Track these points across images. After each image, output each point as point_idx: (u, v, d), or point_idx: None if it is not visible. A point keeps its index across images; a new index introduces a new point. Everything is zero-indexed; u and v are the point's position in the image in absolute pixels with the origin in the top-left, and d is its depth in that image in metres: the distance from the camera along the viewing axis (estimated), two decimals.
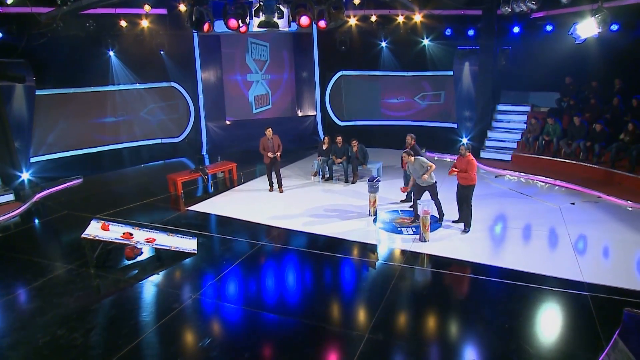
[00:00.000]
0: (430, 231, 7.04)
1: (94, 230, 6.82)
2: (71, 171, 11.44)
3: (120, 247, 6.96)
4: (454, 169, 7.19)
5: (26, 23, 10.38)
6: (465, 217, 7.34)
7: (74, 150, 12.93)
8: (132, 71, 13.69)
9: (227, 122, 15.37)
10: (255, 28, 8.74)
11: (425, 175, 7.33)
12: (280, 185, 10.05)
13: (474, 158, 7.06)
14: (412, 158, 7.32)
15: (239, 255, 6.77)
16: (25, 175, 10.70)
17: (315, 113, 15.71)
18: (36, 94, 11.28)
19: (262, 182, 10.62)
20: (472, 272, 5.91)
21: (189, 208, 9.00)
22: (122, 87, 13.81)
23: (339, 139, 10.81)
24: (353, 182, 10.42)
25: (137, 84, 14.00)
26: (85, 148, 13.20)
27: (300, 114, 16.01)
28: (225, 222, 8.08)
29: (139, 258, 6.76)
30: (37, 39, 10.65)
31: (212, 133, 15.23)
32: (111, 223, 7.11)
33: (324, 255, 6.59)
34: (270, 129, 9.91)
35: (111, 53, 13.23)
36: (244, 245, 7.04)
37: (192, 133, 15.08)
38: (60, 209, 9.10)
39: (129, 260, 6.75)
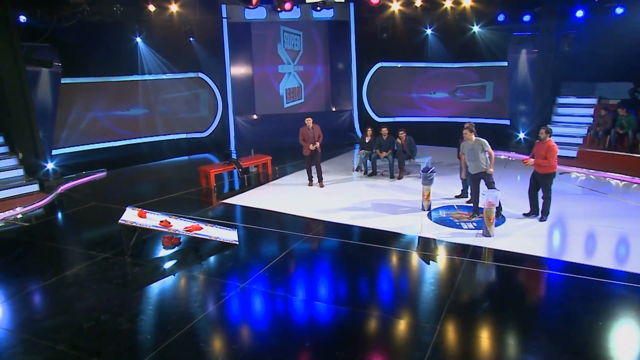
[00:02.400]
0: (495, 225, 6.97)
1: (131, 216, 6.99)
2: (92, 164, 11.94)
3: (156, 237, 7.21)
4: (529, 158, 7.14)
5: (53, 4, 10.74)
6: (545, 205, 7.28)
7: (96, 144, 13.36)
8: (160, 60, 14.06)
9: (255, 117, 15.63)
10: None
11: (490, 169, 7.27)
12: (320, 179, 10.13)
13: (554, 143, 6.95)
14: (474, 137, 7.23)
15: (285, 246, 6.86)
16: (49, 166, 11.08)
17: (351, 108, 15.81)
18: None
19: (299, 177, 10.83)
20: (544, 268, 5.87)
21: (224, 201, 9.26)
22: (147, 77, 14.17)
23: (384, 130, 10.81)
24: (399, 178, 10.45)
25: (164, 74, 14.34)
26: (107, 141, 13.60)
27: (334, 108, 16.11)
28: (265, 215, 8.29)
29: (177, 248, 6.95)
30: (64, 21, 11.02)
31: (240, 128, 15.46)
32: (148, 211, 7.30)
33: (378, 248, 6.59)
34: (310, 119, 10.01)
35: (138, 39, 13.58)
36: (290, 237, 7.20)
37: (219, 128, 15.34)
38: (87, 200, 9.47)
39: (166, 249, 6.90)
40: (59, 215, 8.88)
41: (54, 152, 12.14)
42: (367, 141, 10.90)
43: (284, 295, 5.48)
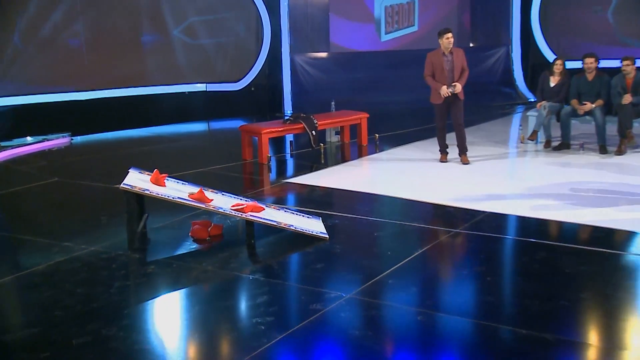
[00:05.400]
0: None
1: (140, 181, 7.10)
2: (43, 125, 12.86)
3: (178, 225, 7.60)
4: None
5: None
6: None
7: (50, 93, 13.69)
8: None
9: (325, 55, 15.75)
10: None
11: None
12: (463, 150, 10.24)
13: None
14: None
15: (415, 244, 7.14)
16: None
17: (508, 44, 15.81)
18: None
19: (418, 149, 11.22)
20: None
21: (289, 180, 9.84)
22: None
23: (590, 61, 10.58)
24: (619, 153, 10.43)
25: None
26: (68, 91, 13.91)
27: (474, 44, 16.14)
28: (368, 201, 8.78)
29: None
30: None
31: (302, 75, 15.69)
32: (169, 177, 7.46)
33: (591, 251, 6.77)
34: (449, 34, 9.87)
35: None
36: (419, 232, 7.63)
37: (262, 75, 15.60)
38: (44, 176, 10.25)
39: (198, 242, 7.15)
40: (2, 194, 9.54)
41: None
42: (552, 85, 10.86)
43: (421, 311, 5.53)
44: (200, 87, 15.34)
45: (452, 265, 6.84)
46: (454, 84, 9.83)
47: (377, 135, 11.70)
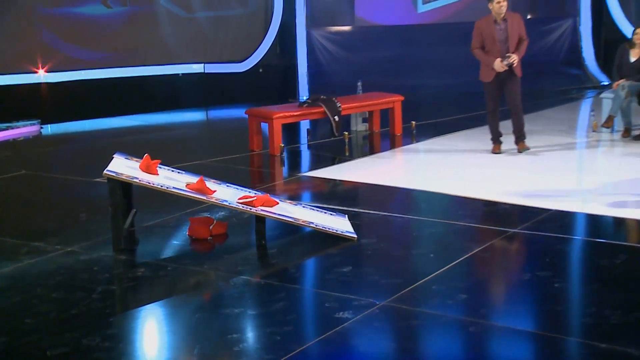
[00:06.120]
0: None
1: (127, 169, 7.13)
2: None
3: (170, 224, 7.71)
4: None
5: None
6: None
7: (12, 75, 13.81)
8: None
9: (349, 29, 15.91)
10: None
11: None
12: (521, 137, 10.32)
13: None
14: None
15: (465, 247, 7.14)
16: None
17: (572, 16, 15.86)
18: None
19: (465, 139, 11.35)
20: None
21: (306, 173, 10.02)
22: None
23: None
24: None
25: None
26: (36, 72, 14.04)
27: (532, 16, 16.14)
28: (405, 196, 8.99)
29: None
30: None
31: (320, 53, 15.74)
32: (162, 164, 7.54)
33: None
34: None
35: None
36: (470, 232, 7.69)
37: (272, 54, 15.71)
38: (10, 168, 10.44)
39: (196, 241, 7.24)
40: None
41: None
42: (633, 60, 10.95)
43: (474, 322, 5.52)
44: (196, 68, 15.44)
45: (511, 269, 6.86)
46: (508, 54, 9.79)
47: (413, 122, 11.74)
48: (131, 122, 13.81)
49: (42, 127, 12.95)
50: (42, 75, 13.95)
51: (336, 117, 10.89)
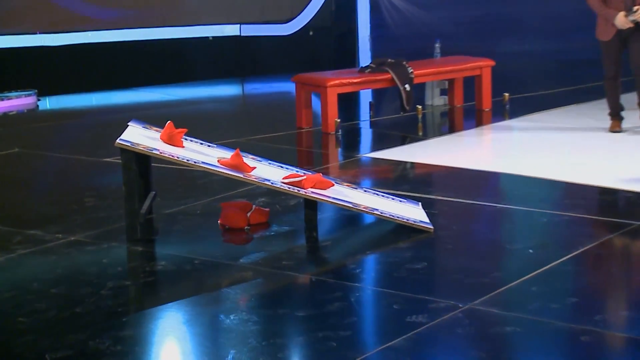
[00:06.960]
0: None
1: (146, 139, 7.18)
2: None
3: (195, 213, 7.78)
4: None
5: None
6: None
7: (5, 37, 14.01)
8: None
9: None
10: None
11: None
12: None
13: None
14: None
15: (574, 242, 7.14)
16: None
17: None
18: None
19: (573, 115, 11.49)
20: None
21: (368, 155, 10.10)
22: None
23: None
24: None
25: None
26: (34, 33, 14.27)
27: None
28: (498, 182, 9.22)
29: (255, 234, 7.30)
30: None
31: (387, 12, 15.89)
32: (187, 136, 7.56)
33: None
34: None
35: None
36: (580, 224, 7.73)
37: (325, 14, 15.81)
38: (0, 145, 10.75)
39: (230, 231, 7.32)
40: None
41: None
42: None
43: (586, 330, 5.49)
44: (230, 30, 15.53)
45: (633, 269, 6.82)
46: (635, 7, 9.72)
47: (506, 95, 11.77)
48: (149, 95, 13.91)
49: (39, 99, 13.04)
50: (40, 37, 14.12)
51: (407, 86, 10.89)
